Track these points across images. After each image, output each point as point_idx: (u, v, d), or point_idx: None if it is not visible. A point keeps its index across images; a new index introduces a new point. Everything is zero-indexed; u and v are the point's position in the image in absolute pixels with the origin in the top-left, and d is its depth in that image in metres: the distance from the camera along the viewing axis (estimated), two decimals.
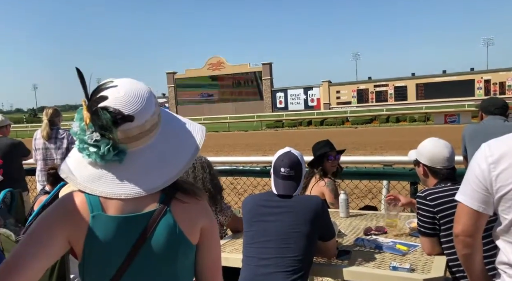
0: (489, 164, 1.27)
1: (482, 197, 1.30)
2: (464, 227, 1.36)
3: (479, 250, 1.40)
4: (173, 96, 46.81)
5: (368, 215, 2.88)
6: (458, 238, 1.40)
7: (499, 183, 1.25)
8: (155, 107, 0.99)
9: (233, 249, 2.28)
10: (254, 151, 15.57)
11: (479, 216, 1.33)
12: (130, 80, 1.00)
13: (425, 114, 28.57)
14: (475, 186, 1.32)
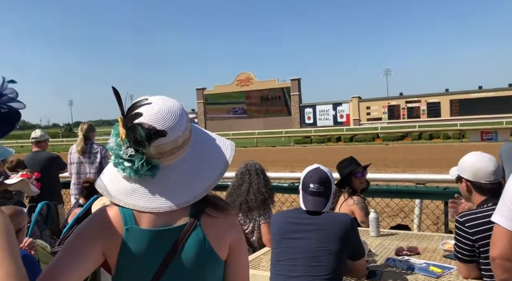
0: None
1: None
2: (502, 251, 1.30)
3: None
4: (202, 111, 47.60)
5: (400, 234, 2.79)
6: (495, 262, 1.34)
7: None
8: (187, 123, 1.02)
9: (261, 266, 2.26)
10: (282, 167, 15.49)
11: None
12: (163, 98, 1.04)
13: (460, 131, 27.61)
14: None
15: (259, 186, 2.77)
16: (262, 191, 2.77)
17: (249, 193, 2.75)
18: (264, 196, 2.77)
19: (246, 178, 2.79)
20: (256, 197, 2.75)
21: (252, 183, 2.77)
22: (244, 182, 2.78)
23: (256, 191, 2.75)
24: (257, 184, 2.77)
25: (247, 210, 2.78)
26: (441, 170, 11.36)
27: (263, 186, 2.79)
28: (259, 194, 2.75)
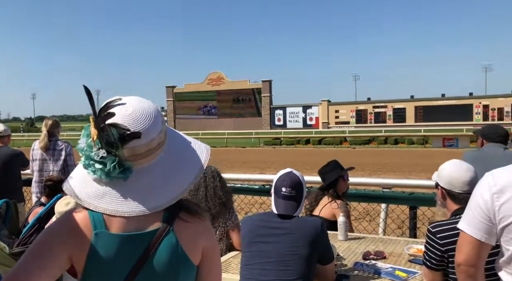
0: (492, 194, 1.27)
1: (485, 227, 1.29)
2: (467, 257, 1.35)
3: (481, 280, 1.38)
4: (172, 110, 46.97)
5: (367, 238, 2.85)
6: (460, 268, 1.39)
7: (502, 213, 1.25)
8: (162, 125, 0.99)
9: (230, 269, 2.24)
10: (252, 168, 15.53)
11: (481, 246, 1.32)
12: (138, 98, 1.00)
13: (423, 137, 28.68)
14: (478, 216, 1.31)
15: (216, 190, 2.67)
16: (219, 195, 2.67)
17: (207, 200, 2.64)
18: (221, 199, 2.67)
19: (202, 182, 2.67)
20: (215, 202, 2.65)
21: (208, 186, 2.66)
22: (200, 186, 2.66)
23: (213, 195, 2.66)
24: (213, 187, 2.67)
25: (211, 218, 2.66)
26: (405, 174, 11.75)
27: (220, 189, 2.69)
28: (217, 198, 2.66)
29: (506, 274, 1.30)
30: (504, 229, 1.25)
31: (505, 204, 1.24)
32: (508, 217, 1.24)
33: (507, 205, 1.24)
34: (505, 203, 1.24)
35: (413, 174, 11.53)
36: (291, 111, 42.85)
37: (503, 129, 3.31)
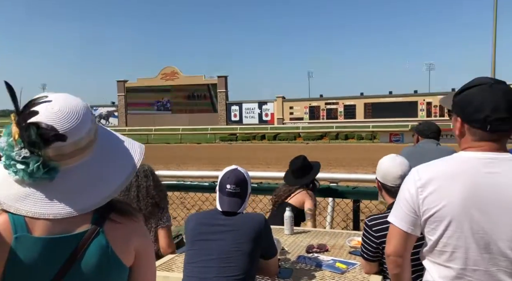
0: (417, 188, 1.35)
1: (411, 219, 1.38)
2: (395, 248, 1.43)
3: (408, 270, 1.48)
4: (123, 105, 45.49)
5: (312, 232, 2.94)
6: (389, 258, 1.47)
7: (425, 206, 1.33)
8: (92, 124, 0.96)
9: (174, 268, 2.23)
10: (207, 164, 15.43)
11: (408, 237, 1.40)
12: (66, 95, 0.97)
13: (372, 132, 29.92)
14: (405, 209, 1.39)
15: (148, 190, 2.57)
16: (152, 195, 2.58)
17: (139, 200, 2.54)
18: (154, 199, 2.58)
19: (133, 181, 2.56)
20: (147, 202, 2.56)
21: (140, 186, 2.56)
22: (131, 186, 2.55)
23: (145, 195, 2.56)
24: (146, 187, 2.56)
25: (144, 219, 2.56)
26: (353, 169, 12.21)
27: (153, 189, 2.59)
28: (149, 198, 2.57)
29: (429, 262, 1.40)
30: (427, 221, 1.34)
31: (428, 197, 1.33)
32: (430, 209, 1.32)
33: (429, 198, 1.32)
34: (428, 196, 1.33)
35: (361, 169, 12.02)
36: (247, 107, 43.00)
37: (436, 126, 3.55)
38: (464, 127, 1.35)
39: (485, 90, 1.30)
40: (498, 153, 1.29)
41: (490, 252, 1.25)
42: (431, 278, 1.37)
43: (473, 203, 1.25)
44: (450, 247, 1.29)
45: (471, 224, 1.26)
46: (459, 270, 1.29)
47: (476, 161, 1.29)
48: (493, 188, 1.25)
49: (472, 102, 1.31)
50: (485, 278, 1.26)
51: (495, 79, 1.37)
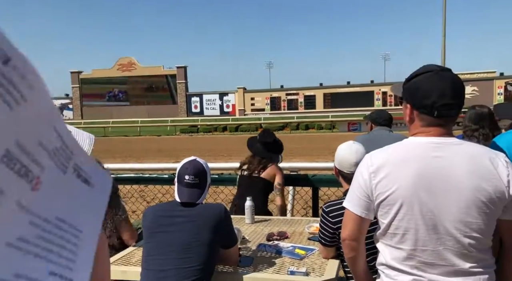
0: (370, 173, 1.39)
1: (364, 204, 1.42)
2: (350, 232, 1.48)
3: (362, 253, 1.53)
4: (78, 97, 43.67)
5: (273, 220, 2.98)
6: (345, 243, 1.51)
7: (378, 190, 1.38)
8: None
9: (134, 262, 2.18)
10: (167, 157, 15.16)
11: (362, 222, 1.45)
12: None
13: (331, 122, 30.64)
14: (358, 194, 1.43)
15: None
16: None
17: None
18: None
19: None
20: None
21: None
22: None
23: None
24: None
25: None
26: (313, 158, 12.47)
27: None
28: None
29: (382, 245, 1.45)
30: (379, 205, 1.39)
31: (380, 182, 1.37)
32: (382, 193, 1.37)
33: (382, 183, 1.37)
34: (380, 181, 1.37)
35: (321, 157, 12.29)
36: (208, 98, 42.64)
37: (388, 114, 3.72)
38: (413, 113, 1.40)
39: (432, 77, 1.35)
40: (445, 137, 1.35)
41: (438, 232, 1.31)
42: (384, 260, 1.43)
43: (421, 186, 1.31)
44: (401, 229, 1.35)
45: (420, 206, 1.31)
46: (410, 251, 1.35)
47: (425, 146, 1.35)
48: (439, 171, 1.31)
49: (420, 89, 1.36)
50: (433, 257, 1.32)
51: (441, 66, 1.43)
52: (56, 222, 0.34)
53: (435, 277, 1.33)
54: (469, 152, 1.32)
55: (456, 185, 1.29)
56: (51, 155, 0.32)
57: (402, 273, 1.37)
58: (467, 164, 1.30)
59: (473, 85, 34.26)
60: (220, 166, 4.53)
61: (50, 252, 0.33)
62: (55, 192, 0.34)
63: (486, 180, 1.28)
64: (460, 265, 1.31)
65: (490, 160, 1.30)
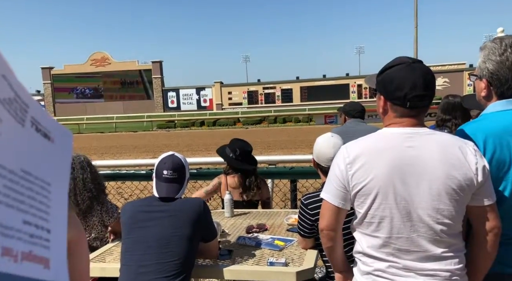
0: (346, 164, 1.42)
1: (341, 194, 1.45)
2: (328, 222, 1.50)
3: (340, 242, 1.56)
4: (50, 93, 42.41)
5: (252, 213, 3.00)
6: (322, 233, 1.54)
7: (354, 181, 1.41)
8: None
9: (112, 259, 2.16)
10: (144, 153, 14.99)
11: (339, 212, 1.48)
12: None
13: (308, 115, 30.94)
14: (335, 185, 1.46)
15: (85, 182, 2.45)
16: (90, 188, 2.46)
17: (76, 193, 2.42)
18: (92, 193, 2.47)
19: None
20: (84, 196, 2.44)
21: (77, 179, 2.44)
22: None
23: (82, 188, 2.44)
24: (83, 180, 2.44)
25: (83, 217, 2.47)
26: (291, 151, 12.58)
27: (90, 181, 2.48)
28: (86, 191, 2.45)
29: (358, 233, 1.49)
30: (356, 195, 1.42)
31: (356, 172, 1.40)
32: (359, 184, 1.40)
33: (358, 173, 1.40)
34: (356, 172, 1.40)
35: (299, 150, 12.42)
36: (185, 93, 42.22)
37: (360, 106, 3.80)
38: (386, 104, 1.44)
39: (404, 69, 1.39)
40: (417, 128, 1.39)
41: (411, 220, 1.36)
42: (360, 248, 1.46)
43: (396, 175, 1.35)
44: (377, 218, 1.39)
45: (394, 195, 1.35)
46: (385, 239, 1.39)
47: (398, 137, 1.39)
48: (412, 161, 1.35)
49: (393, 80, 1.39)
50: (407, 244, 1.37)
51: (413, 58, 1.46)
52: (23, 174, 0.35)
53: (409, 263, 1.37)
54: (440, 141, 1.37)
55: (428, 174, 1.33)
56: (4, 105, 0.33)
57: (378, 260, 1.41)
58: (438, 153, 1.34)
59: (444, 76, 35.25)
60: (198, 160, 4.52)
61: (21, 203, 0.34)
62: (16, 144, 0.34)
63: (456, 168, 1.32)
64: (433, 250, 1.36)
65: (460, 149, 1.34)
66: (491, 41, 1.52)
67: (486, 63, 1.50)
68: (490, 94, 1.53)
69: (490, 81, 1.51)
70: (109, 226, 2.59)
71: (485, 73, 1.51)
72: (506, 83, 1.47)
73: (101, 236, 2.61)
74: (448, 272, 1.35)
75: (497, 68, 1.47)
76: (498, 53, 1.47)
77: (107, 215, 2.56)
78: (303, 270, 1.90)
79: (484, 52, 1.52)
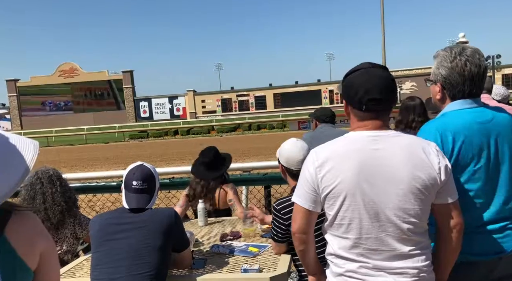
0: (315, 168, 1.44)
1: (312, 198, 1.47)
2: (300, 226, 1.52)
3: (312, 245, 1.58)
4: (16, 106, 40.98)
5: (226, 221, 2.99)
6: (295, 236, 1.55)
7: (324, 183, 1.43)
8: None
9: (83, 273, 2.10)
10: (116, 164, 14.66)
11: (310, 214, 1.50)
12: None
13: (282, 121, 31.16)
14: (306, 188, 1.48)
15: (55, 196, 2.42)
16: (60, 202, 2.43)
17: (46, 208, 2.40)
18: (62, 206, 2.43)
19: (38, 188, 2.41)
20: (54, 210, 2.41)
21: (46, 193, 2.41)
22: (36, 194, 2.40)
23: (51, 203, 2.41)
24: (52, 194, 2.42)
25: (54, 230, 2.43)
26: (265, 157, 12.61)
27: (61, 195, 2.45)
28: (56, 205, 2.41)
29: (330, 235, 1.51)
30: (326, 197, 1.44)
31: (325, 176, 1.43)
32: (328, 186, 1.43)
33: (327, 176, 1.43)
34: (325, 175, 1.43)
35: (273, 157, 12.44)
36: (157, 102, 41.75)
37: (330, 111, 3.93)
38: (348, 108, 1.49)
39: (362, 74, 1.44)
40: (381, 130, 1.44)
41: (379, 220, 1.39)
42: (332, 250, 1.48)
43: (363, 177, 1.38)
44: (346, 219, 1.41)
45: (362, 196, 1.38)
46: (355, 240, 1.41)
47: (364, 140, 1.42)
48: (379, 162, 1.39)
49: (351, 85, 1.45)
50: (377, 244, 1.40)
51: (373, 63, 1.51)
52: None
53: (379, 262, 1.40)
54: (404, 143, 1.41)
55: (394, 175, 1.37)
56: None
57: (349, 261, 1.43)
58: (403, 155, 1.38)
59: (412, 80, 36.36)
60: (170, 170, 4.47)
61: None
62: None
63: (420, 168, 1.37)
64: (401, 249, 1.39)
65: (423, 150, 1.40)
66: (443, 50, 1.66)
67: (440, 69, 1.63)
68: (444, 96, 1.65)
69: (443, 85, 1.63)
70: (81, 239, 2.55)
71: (439, 78, 1.63)
72: (457, 87, 1.60)
73: (72, 249, 2.55)
74: (416, 269, 1.39)
75: (449, 73, 1.60)
76: (449, 60, 1.60)
77: (80, 228, 2.52)
78: (277, 275, 1.91)
79: (437, 59, 1.65)
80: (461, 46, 1.65)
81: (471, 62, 1.58)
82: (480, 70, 1.59)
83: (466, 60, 1.58)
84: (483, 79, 1.63)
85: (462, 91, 1.60)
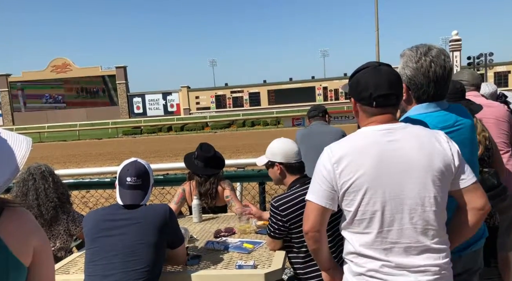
0: (332, 164, 1.44)
1: (328, 195, 1.46)
2: (313, 224, 1.50)
3: (325, 243, 1.57)
4: (8, 101, 40.56)
5: (220, 217, 2.98)
6: (308, 235, 1.53)
7: (342, 179, 1.42)
8: None
9: (77, 270, 2.09)
10: (109, 160, 14.59)
11: (325, 212, 1.49)
12: None
13: (276, 118, 31.16)
14: (322, 185, 1.47)
15: (48, 192, 2.41)
16: (52, 198, 2.42)
17: (39, 204, 2.39)
18: (55, 202, 2.43)
19: (30, 184, 2.40)
20: (47, 206, 2.40)
21: (39, 189, 2.40)
22: (28, 190, 2.39)
23: (44, 199, 2.40)
24: (45, 190, 2.41)
25: (48, 226, 2.42)
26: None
27: (53, 191, 2.44)
28: (49, 202, 2.40)
29: (349, 233, 1.48)
30: (345, 193, 1.43)
31: (344, 170, 1.42)
32: (347, 181, 1.42)
33: (345, 171, 1.42)
34: (344, 170, 1.42)
35: None
36: (151, 98, 41.57)
37: (323, 108, 4.02)
38: (357, 106, 1.50)
39: (370, 71, 1.46)
40: (392, 123, 1.45)
41: (401, 211, 1.39)
42: (352, 248, 1.46)
43: (381, 169, 1.39)
44: (368, 213, 1.40)
45: (383, 188, 1.38)
46: (377, 234, 1.40)
47: (377, 133, 1.44)
48: (395, 153, 1.40)
49: (360, 83, 1.47)
50: (398, 235, 1.39)
51: (380, 62, 1.53)
52: None
53: (401, 259, 1.39)
54: (416, 133, 1.44)
55: (412, 164, 1.39)
56: None
57: (371, 260, 1.42)
58: (418, 144, 1.41)
59: None
60: (165, 166, 4.44)
61: None
62: None
63: (436, 156, 1.40)
64: (423, 241, 1.39)
65: (435, 138, 1.43)
66: (409, 49, 1.65)
67: (405, 69, 1.62)
68: (409, 97, 1.65)
69: (408, 86, 1.63)
70: (75, 236, 2.54)
71: (404, 78, 1.62)
72: (421, 88, 1.60)
73: (66, 246, 2.54)
74: (437, 267, 1.40)
75: (413, 74, 1.60)
76: (414, 60, 1.59)
77: (73, 224, 2.51)
78: (272, 271, 1.91)
79: (403, 59, 1.64)
80: (427, 46, 1.62)
81: (436, 63, 1.57)
82: (445, 71, 1.58)
83: (431, 61, 1.57)
84: (448, 80, 1.62)
85: (427, 92, 1.60)
